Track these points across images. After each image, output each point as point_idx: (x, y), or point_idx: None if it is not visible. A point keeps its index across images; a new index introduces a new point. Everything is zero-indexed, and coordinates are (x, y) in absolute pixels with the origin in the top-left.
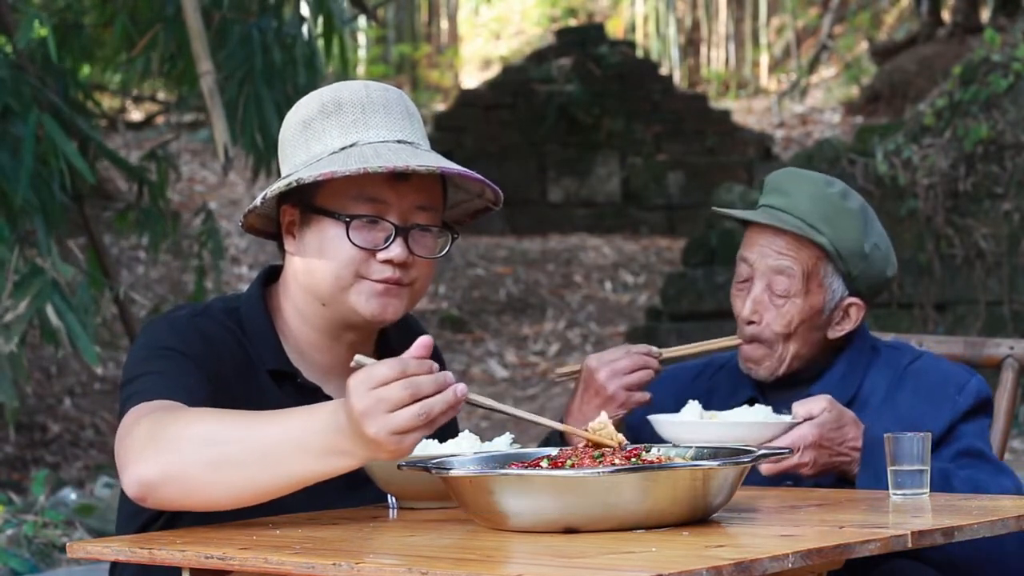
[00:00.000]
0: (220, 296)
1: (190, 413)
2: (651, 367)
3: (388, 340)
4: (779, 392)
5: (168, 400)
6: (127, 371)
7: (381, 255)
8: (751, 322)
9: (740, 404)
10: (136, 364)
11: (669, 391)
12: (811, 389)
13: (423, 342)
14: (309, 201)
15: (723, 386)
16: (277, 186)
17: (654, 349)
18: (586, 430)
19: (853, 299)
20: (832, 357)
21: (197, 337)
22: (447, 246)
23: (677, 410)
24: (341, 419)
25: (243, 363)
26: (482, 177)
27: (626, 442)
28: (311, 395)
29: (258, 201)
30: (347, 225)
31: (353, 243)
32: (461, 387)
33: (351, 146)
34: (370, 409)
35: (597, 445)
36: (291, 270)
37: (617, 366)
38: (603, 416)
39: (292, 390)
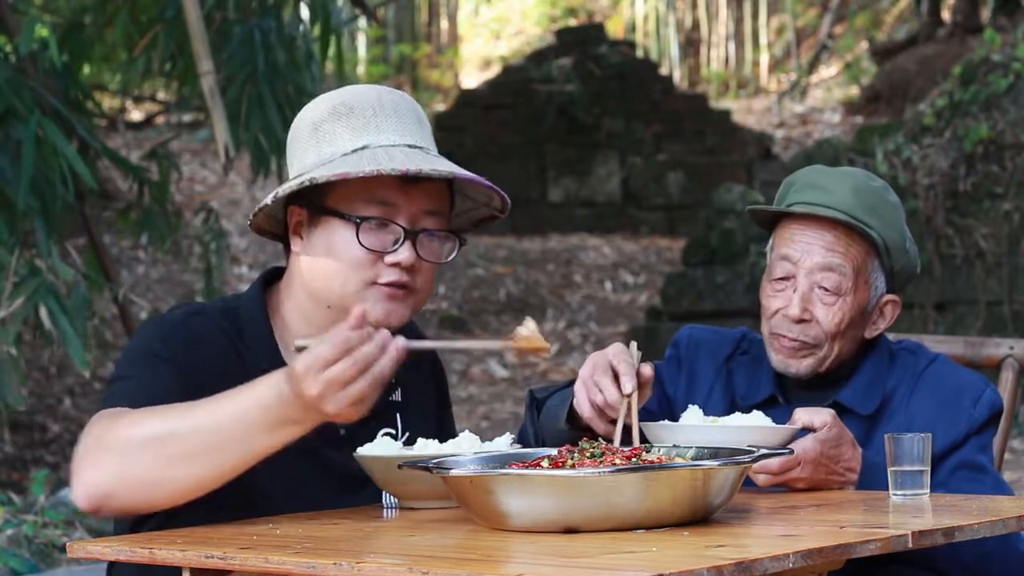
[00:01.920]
0: (222, 297)
1: (135, 415)
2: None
3: None
4: (803, 393)
5: (126, 408)
6: (113, 373)
7: (389, 258)
8: (802, 320)
9: (759, 403)
10: (119, 367)
11: (708, 360)
12: (840, 395)
13: (357, 312)
14: (318, 202)
15: (744, 375)
16: (289, 185)
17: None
18: (511, 339)
19: (891, 296)
20: (856, 360)
21: (184, 339)
22: (454, 251)
23: (706, 378)
24: (285, 390)
25: (234, 364)
26: (492, 184)
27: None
28: None
29: (269, 200)
30: (357, 227)
31: (362, 245)
32: (401, 341)
33: (363, 148)
34: (324, 391)
35: (531, 351)
36: (296, 270)
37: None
38: (530, 324)
39: None
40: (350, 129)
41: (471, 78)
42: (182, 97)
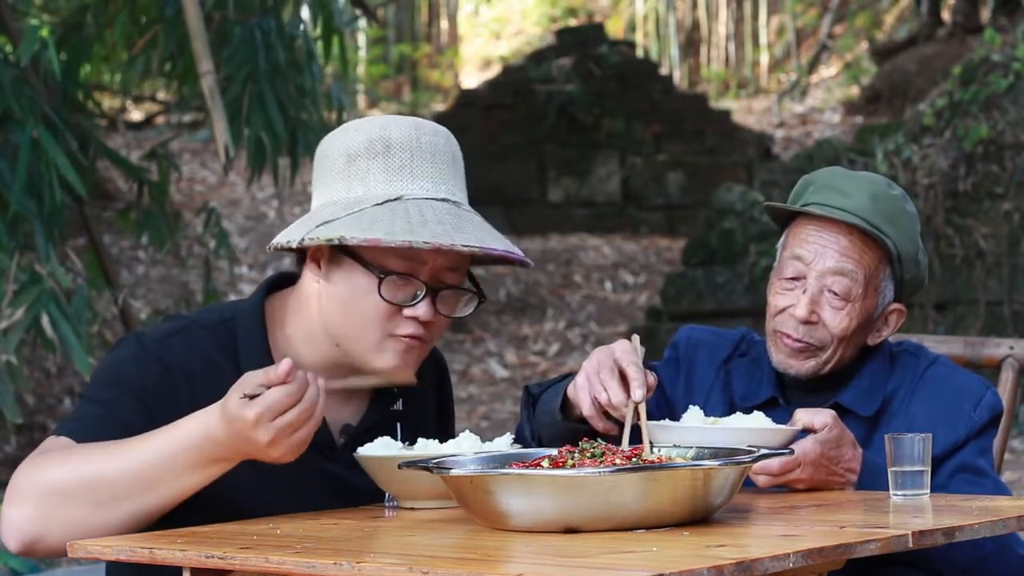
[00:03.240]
0: (219, 304)
1: (64, 455)
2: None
3: None
4: (803, 395)
5: (67, 438)
6: (86, 386)
7: (408, 311)
8: (808, 322)
9: (759, 404)
10: (90, 384)
11: (707, 361)
12: (841, 397)
13: (289, 362)
14: (343, 243)
15: (743, 377)
16: (318, 233)
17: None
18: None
19: (897, 305)
20: (857, 363)
21: (157, 367)
22: (471, 306)
23: (705, 377)
24: (216, 431)
25: (219, 380)
26: (521, 255)
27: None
28: None
29: (295, 243)
30: (380, 280)
31: (384, 298)
32: (322, 381)
33: (396, 200)
34: (276, 437)
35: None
36: (311, 293)
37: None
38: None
39: None
40: (384, 171)
41: (471, 78)
42: (182, 97)
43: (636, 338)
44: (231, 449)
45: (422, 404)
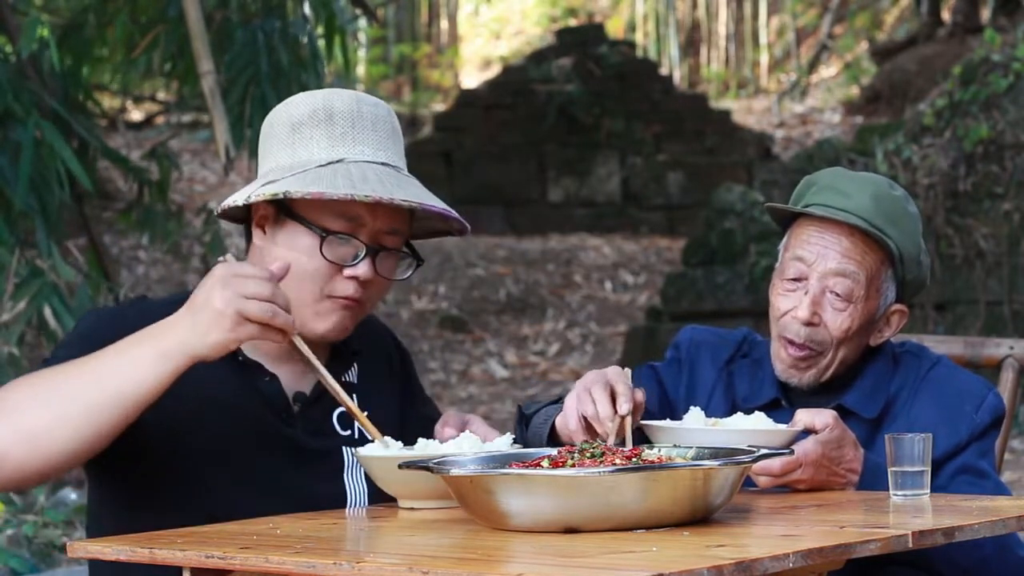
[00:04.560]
0: (183, 290)
1: (26, 376)
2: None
3: (348, 339)
4: (806, 397)
5: None
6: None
7: (348, 271)
8: (810, 324)
9: (762, 404)
10: (55, 348)
11: (709, 361)
12: (843, 399)
13: (282, 264)
14: (286, 205)
15: (745, 378)
16: (263, 191)
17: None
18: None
19: (898, 306)
20: (860, 365)
21: (114, 323)
22: (409, 271)
23: (707, 379)
24: (168, 320)
25: None
26: (457, 215)
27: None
28: (253, 370)
29: (241, 200)
30: (322, 240)
31: (324, 256)
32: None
33: (338, 162)
34: (228, 283)
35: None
36: (257, 259)
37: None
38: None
39: (231, 365)
40: (327, 137)
41: (471, 78)
42: (182, 97)
43: (628, 371)
44: (176, 329)
45: (378, 379)
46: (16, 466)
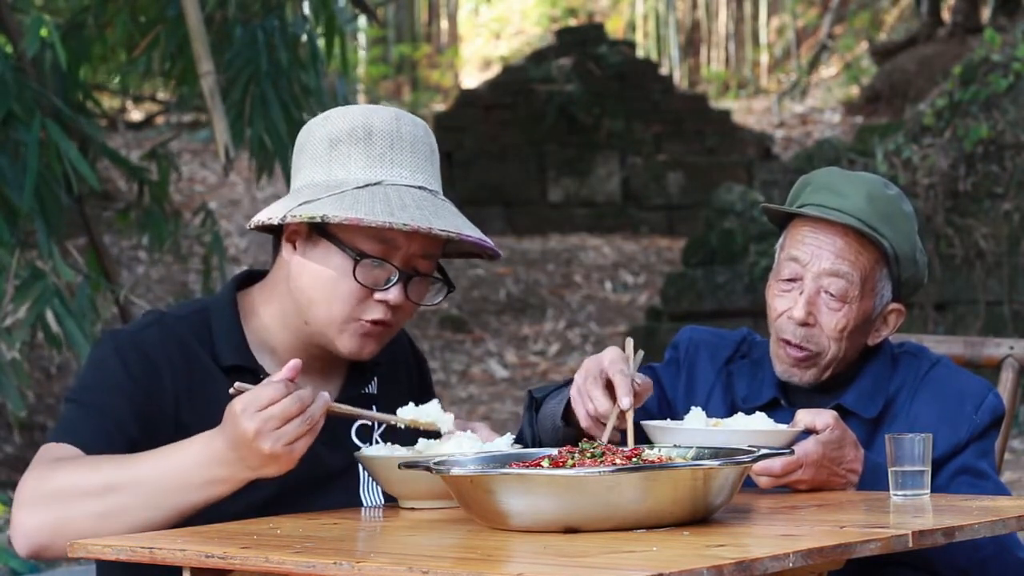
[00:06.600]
0: (191, 299)
1: (75, 464)
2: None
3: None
4: (806, 397)
5: (71, 445)
6: (70, 390)
7: (379, 295)
8: (805, 324)
9: (762, 405)
10: (76, 387)
11: (709, 362)
12: (843, 399)
13: (293, 364)
14: (320, 224)
15: (745, 378)
16: (300, 211)
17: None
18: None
19: (895, 305)
20: (859, 364)
21: (136, 356)
22: (441, 295)
23: (706, 378)
24: (216, 448)
25: (196, 366)
26: (492, 244)
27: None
28: None
29: (276, 219)
30: (356, 263)
31: (357, 280)
32: (326, 395)
33: (376, 184)
34: (262, 428)
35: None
36: (285, 273)
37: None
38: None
39: (253, 382)
40: (366, 156)
41: (471, 78)
42: (182, 97)
43: (630, 342)
44: (228, 460)
45: (398, 388)
46: (55, 554)
